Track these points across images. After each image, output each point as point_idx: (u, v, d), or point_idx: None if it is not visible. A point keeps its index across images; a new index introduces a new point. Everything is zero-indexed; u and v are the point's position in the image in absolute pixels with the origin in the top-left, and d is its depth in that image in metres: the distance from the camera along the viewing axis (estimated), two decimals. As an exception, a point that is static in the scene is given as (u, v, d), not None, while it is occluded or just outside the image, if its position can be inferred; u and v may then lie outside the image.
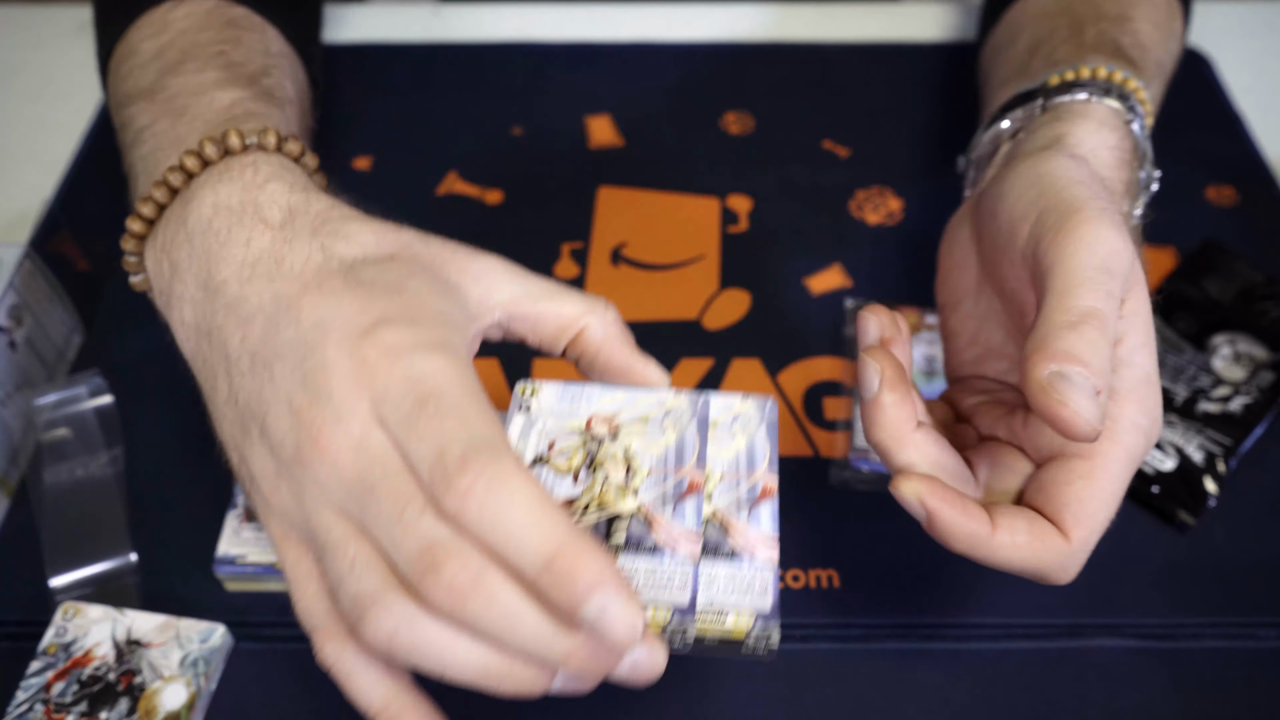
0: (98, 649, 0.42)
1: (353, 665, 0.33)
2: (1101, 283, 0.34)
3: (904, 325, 0.37)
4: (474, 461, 0.29)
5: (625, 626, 0.28)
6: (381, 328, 0.32)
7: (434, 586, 0.29)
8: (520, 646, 0.30)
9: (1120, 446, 0.35)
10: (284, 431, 0.33)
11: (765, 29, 0.74)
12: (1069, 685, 0.43)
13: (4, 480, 0.48)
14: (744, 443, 0.35)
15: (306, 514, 0.32)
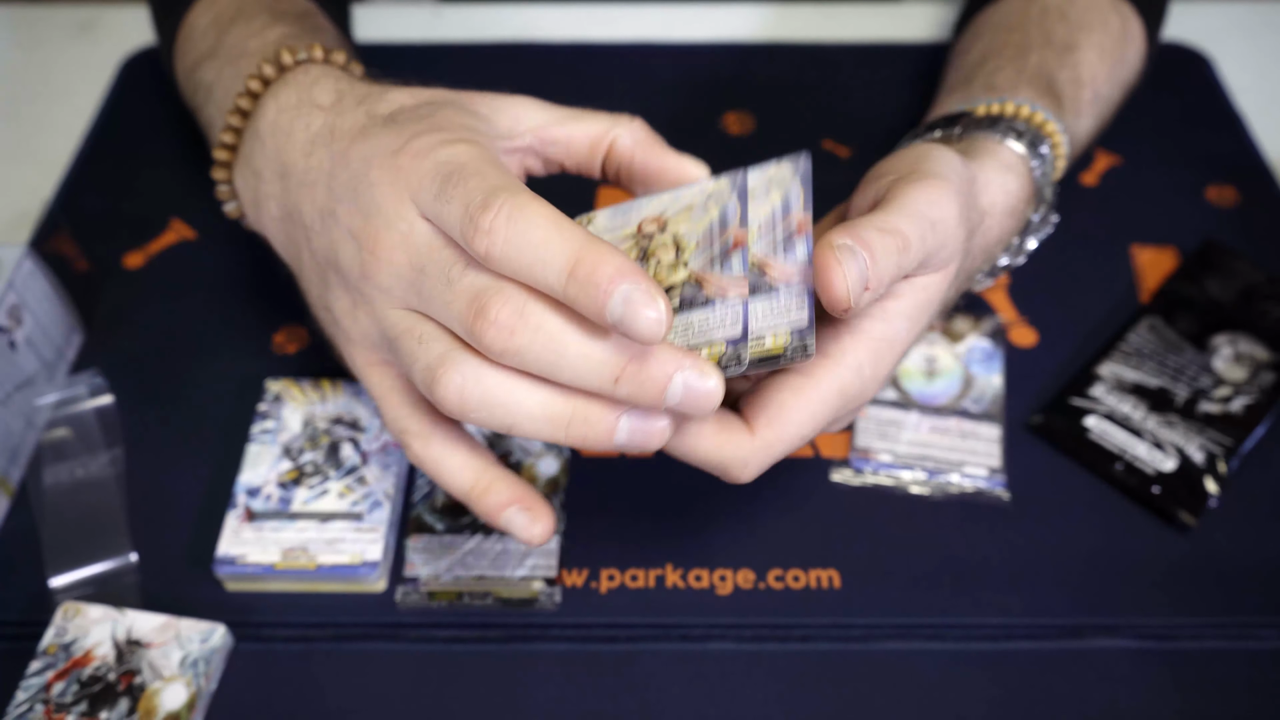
0: (98, 649, 0.42)
1: (440, 453, 0.37)
2: (923, 227, 0.35)
3: None
4: (493, 201, 0.32)
5: (649, 313, 0.30)
6: (412, 140, 0.36)
7: (485, 329, 0.32)
8: (573, 376, 0.32)
9: (834, 376, 0.36)
10: (350, 257, 0.37)
11: (765, 29, 0.74)
12: (1069, 686, 0.43)
13: (4, 480, 0.48)
14: (779, 197, 0.37)
15: (380, 324, 0.36)
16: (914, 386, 0.51)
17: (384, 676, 0.44)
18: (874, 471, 0.49)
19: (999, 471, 0.48)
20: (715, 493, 0.49)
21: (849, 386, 0.36)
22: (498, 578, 0.45)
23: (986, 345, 0.53)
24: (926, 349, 0.53)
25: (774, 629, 0.45)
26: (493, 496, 0.37)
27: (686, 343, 0.34)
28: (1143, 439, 0.49)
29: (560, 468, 0.48)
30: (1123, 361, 0.52)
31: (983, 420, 0.50)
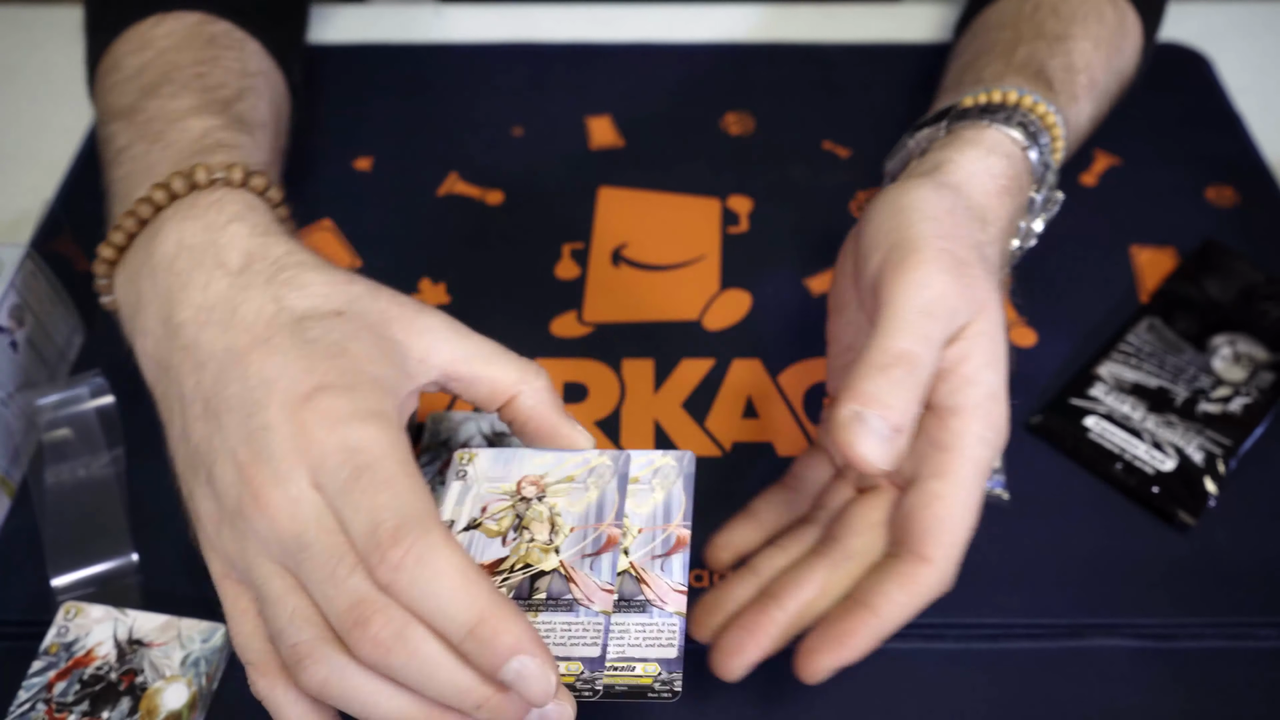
0: (99, 648, 0.43)
1: (283, 699, 0.35)
2: (920, 325, 0.36)
3: None
4: (405, 536, 0.32)
5: (540, 685, 0.31)
6: (320, 395, 0.34)
7: (361, 639, 0.32)
8: (438, 695, 0.32)
9: (968, 462, 0.37)
10: (228, 483, 0.35)
11: (765, 29, 0.74)
12: (1069, 685, 0.43)
13: (5, 480, 0.48)
14: (661, 496, 0.38)
15: (248, 562, 0.35)
16: None
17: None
18: None
19: (999, 472, 0.49)
20: (716, 493, 0.49)
21: (981, 460, 0.37)
22: None
23: None
24: None
25: (774, 629, 0.45)
26: None
27: None
28: (1142, 439, 0.49)
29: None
30: (1122, 362, 0.52)
31: None
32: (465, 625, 0.31)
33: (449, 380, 0.39)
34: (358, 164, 0.64)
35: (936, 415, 0.37)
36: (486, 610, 0.31)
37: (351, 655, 0.33)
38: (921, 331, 0.36)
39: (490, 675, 0.32)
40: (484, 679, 0.32)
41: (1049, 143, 0.46)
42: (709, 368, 0.54)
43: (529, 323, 0.56)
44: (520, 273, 0.58)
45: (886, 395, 0.35)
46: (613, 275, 0.58)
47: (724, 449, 0.51)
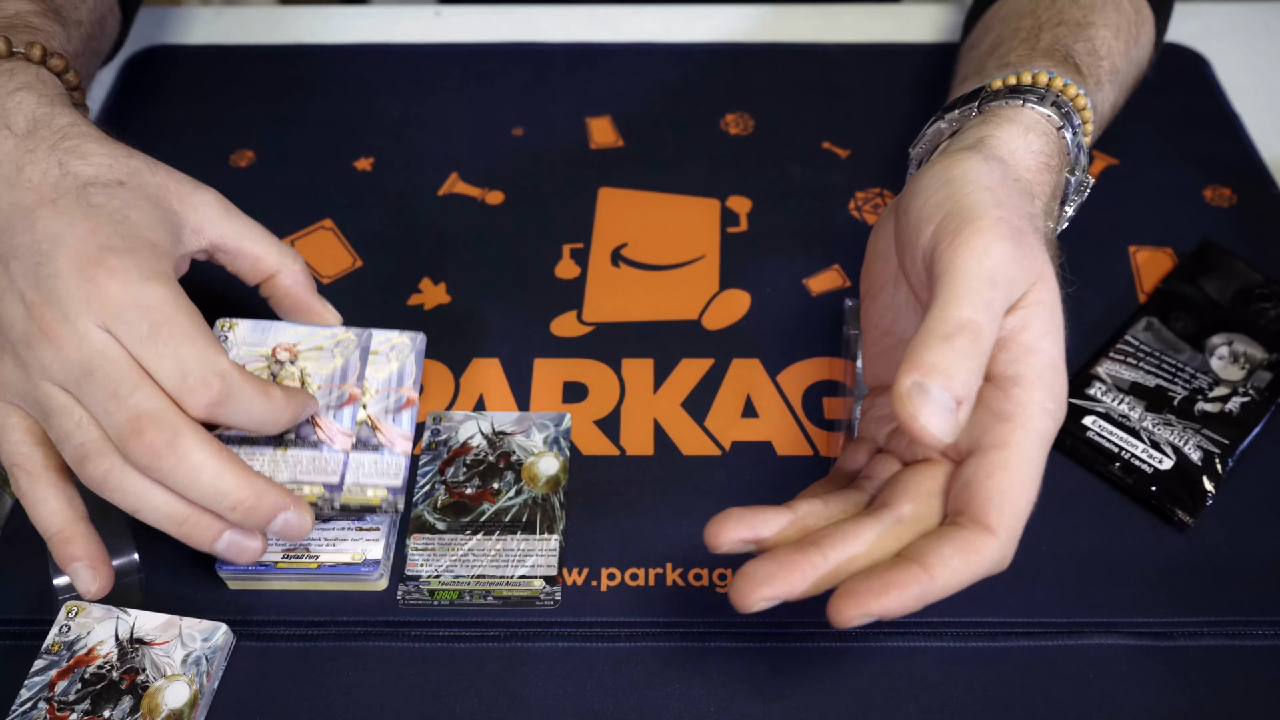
0: (101, 647, 0.43)
1: (43, 494, 0.41)
2: (982, 293, 0.35)
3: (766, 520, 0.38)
4: (214, 382, 0.38)
5: (304, 526, 0.40)
6: (107, 255, 0.39)
7: (137, 447, 0.37)
8: (198, 497, 0.39)
9: (1031, 432, 0.36)
10: (16, 317, 0.39)
11: (765, 30, 0.74)
12: (1067, 684, 0.43)
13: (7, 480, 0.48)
14: (396, 366, 0.45)
15: (31, 385, 0.39)
16: None
17: (385, 674, 0.44)
18: None
19: None
20: (715, 492, 0.49)
21: (1044, 431, 0.37)
22: (498, 577, 0.45)
23: None
24: None
25: (773, 628, 0.45)
26: (71, 546, 0.41)
27: (292, 476, 0.42)
28: (1140, 438, 0.49)
29: (560, 466, 0.49)
30: (1120, 361, 0.52)
31: None
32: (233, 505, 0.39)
33: (216, 251, 0.45)
34: (359, 164, 0.64)
35: (997, 385, 0.37)
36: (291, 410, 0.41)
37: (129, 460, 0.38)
38: (984, 299, 0.35)
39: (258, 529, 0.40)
40: (239, 486, 0.38)
41: (1080, 125, 0.46)
42: (708, 367, 0.54)
43: (529, 322, 0.56)
44: (520, 272, 0.58)
45: (949, 365, 0.34)
46: (612, 275, 0.58)
47: (723, 448, 0.51)
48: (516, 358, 0.54)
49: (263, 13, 0.75)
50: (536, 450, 0.49)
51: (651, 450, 0.51)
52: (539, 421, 0.50)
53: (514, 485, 0.48)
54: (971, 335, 0.35)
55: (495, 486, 0.48)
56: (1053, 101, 0.45)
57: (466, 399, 0.52)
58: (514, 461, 0.49)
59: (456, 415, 0.51)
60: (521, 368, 0.54)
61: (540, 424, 0.50)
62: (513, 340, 0.55)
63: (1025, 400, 0.36)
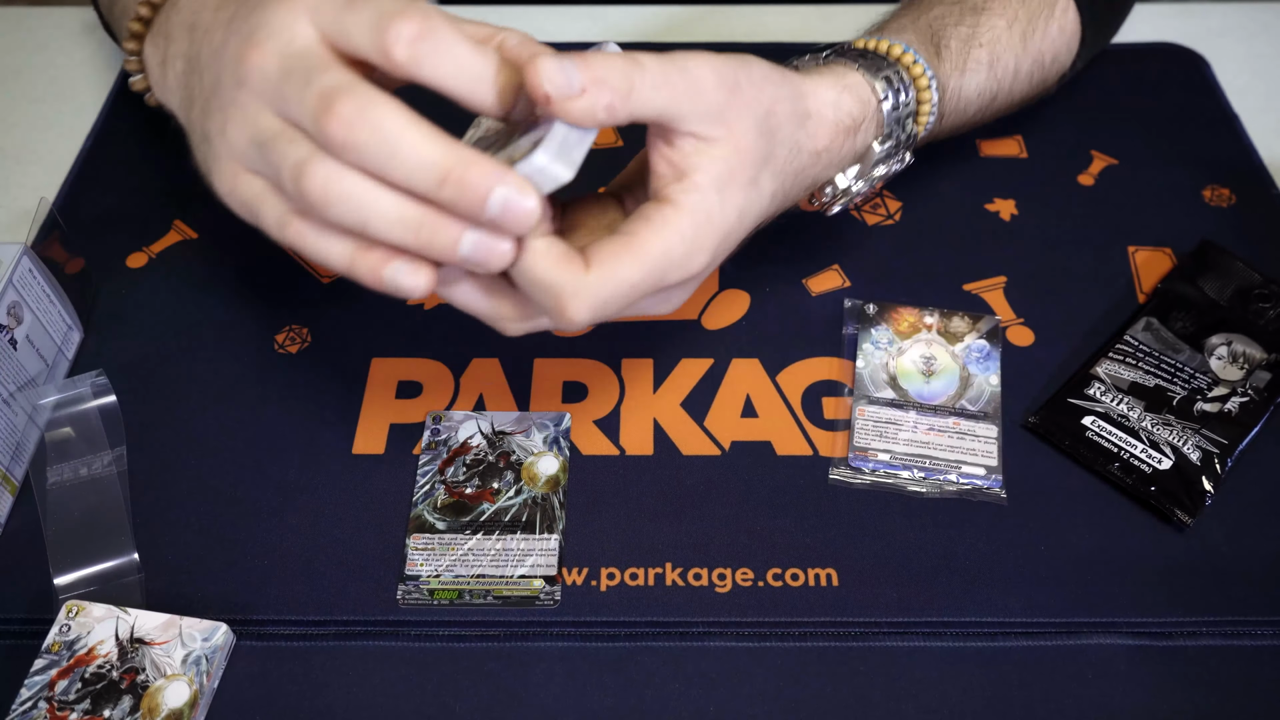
0: (101, 647, 0.43)
1: (316, 236, 0.37)
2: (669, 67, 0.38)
3: None
4: (414, 13, 0.35)
5: (526, 203, 0.35)
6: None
7: (328, 121, 0.34)
8: (403, 173, 0.35)
9: (659, 237, 0.39)
10: (229, 71, 0.38)
11: (765, 29, 0.74)
12: (1066, 684, 0.43)
13: (7, 477, 0.48)
14: None
15: (251, 129, 0.37)
16: (912, 386, 0.52)
17: (385, 674, 0.44)
18: (872, 471, 0.49)
19: (996, 470, 0.49)
20: (715, 492, 0.49)
21: (672, 248, 0.39)
22: (498, 576, 0.45)
23: (984, 345, 0.53)
24: (924, 348, 0.53)
25: (772, 627, 0.45)
26: (372, 254, 0.37)
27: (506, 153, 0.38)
28: (1140, 438, 0.49)
29: (560, 466, 0.49)
30: (1120, 361, 0.52)
31: (980, 420, 0.50)
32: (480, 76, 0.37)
33: None
34: (358, 164, 0.64)
35: (656, 197, 0.40)
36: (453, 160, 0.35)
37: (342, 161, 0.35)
38: (673, 63, 0.38)
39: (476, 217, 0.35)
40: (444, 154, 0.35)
41: (913, 100, 0.50)
42: (708, 367, 0.54)
43: (529, 322, 0.56)
44: (520, 272, 0.58)
45: (597, 61, 0.37)
46: (612, 275, 0.58)
47: (723, 448, 0.51)
48: (516, 357, 0.54)
49: (263, 13, 0.75)
50: (536, 450, 0.49)
51: (651, 450, 0.51)
52: (539, 421, 0.50)
53: (514, 485, 0.48)
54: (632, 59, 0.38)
55: (495, 486, 0.48)
56: (887, 75, 0.49)
57: (466, 398, 0.52)
58: (514, 461, 0.49)
59: (456, 415, 0.51)
60: (521, 367, 0.54)
61: (540, 424, 0.50)
62: (512, 340, 0.55)
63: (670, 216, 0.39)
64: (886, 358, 0.52)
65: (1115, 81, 0.68)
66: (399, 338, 0.55)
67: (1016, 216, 0.61)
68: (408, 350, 0.54)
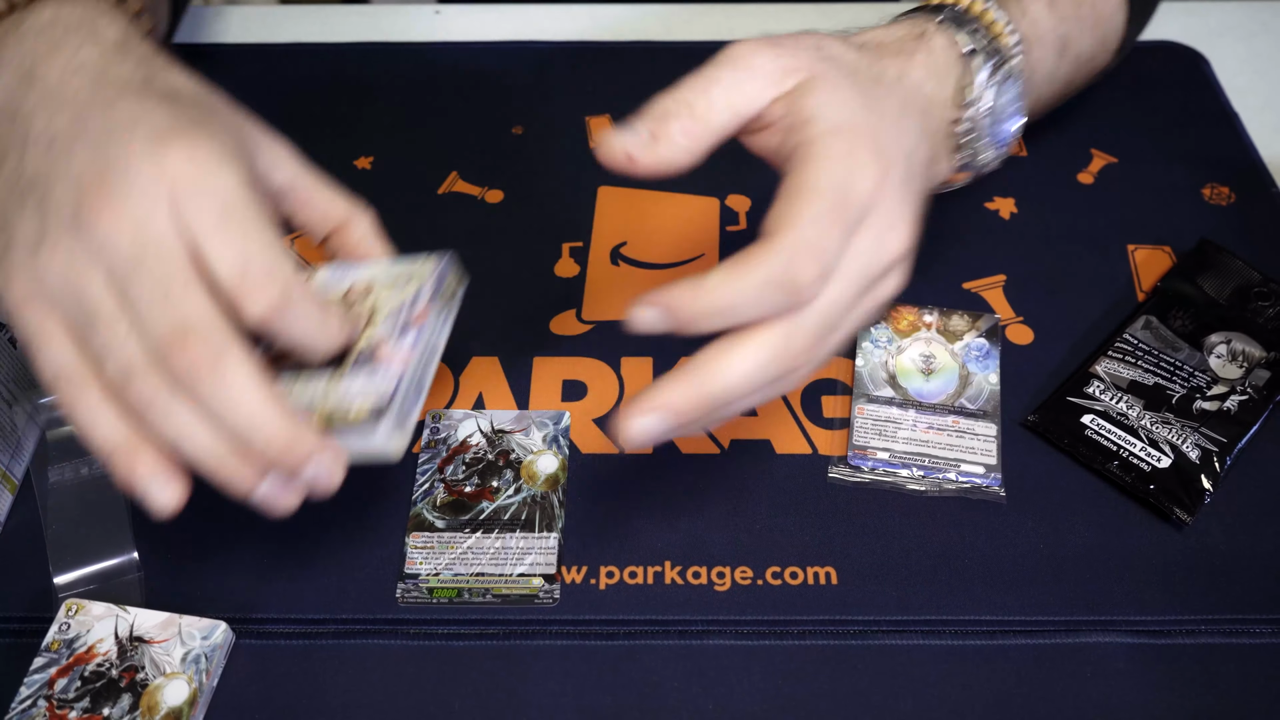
0: (100, 645, 0.43)
1: (93, 405, 0.36)
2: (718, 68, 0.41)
3: None
4: (278, 283, 0.35)
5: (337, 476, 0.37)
6: (187, 130, 0.36)
7: (178, 359, 0.34)
8: (236, 428, 0.35)
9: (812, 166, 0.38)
10: (67, 199, 0.35)
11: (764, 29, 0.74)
12: (1065, 682, 0.43)
13: (7, 476, 0.48)
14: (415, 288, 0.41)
15: (76, 276, 0.35)
16: (911, 384, 0.52)
17: (384, 673, 0.44)
18: (871, 469, 0.49)
19: (995, 469, 0.49)
20: (713, 490, 0.49)
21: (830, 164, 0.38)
22: (497, 575, 0.45)
23: (984, 344, 0.53)
24: (924, 347, 0.53)
25: (772, 625, 0.45)
26: (139, 459, 0.37)
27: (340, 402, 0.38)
28: (1139, 437, 0.49)
29: (559, 464, 0.49)
30: (1119, 360, 0.52)
31: (979, 418, 0.50)
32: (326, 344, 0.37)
33: (290, 191, 0.42)
34: (358, 163, 0.64)
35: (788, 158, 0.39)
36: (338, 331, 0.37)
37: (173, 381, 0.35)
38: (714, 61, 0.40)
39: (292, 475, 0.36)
40: (279, 425, 0.35)
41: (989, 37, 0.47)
42: (707, 366, 0.54)
43: (529, 321, 0.56)
44: (520, 271, 0.58)
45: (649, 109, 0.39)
46: (612, 274, 0.58)
47: (722, 446, 0.51)
48: (516, 356, 0.54)
49: (263, 13, 0.75)
50: (536, 448, 0.49)
51: (651, 449, 0.51)
52: (538, 419, 0.50)
53: (513, 483, 0.48)
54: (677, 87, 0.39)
55: (494, 484, 0.48)
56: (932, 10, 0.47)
57: (466, 397, 0.52)
58: (513, 459, 0.49)
59: (456, 414, 0.51)
60: (521, 366, 0.54)
61: (539, 422, 0.50)
62: (512, 338, 0.55)
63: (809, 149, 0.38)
64: (886, 356, 0.52)
65: (1115, 81, 0.68)
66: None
67: (1016, 215, 0.61)
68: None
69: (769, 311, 0.37)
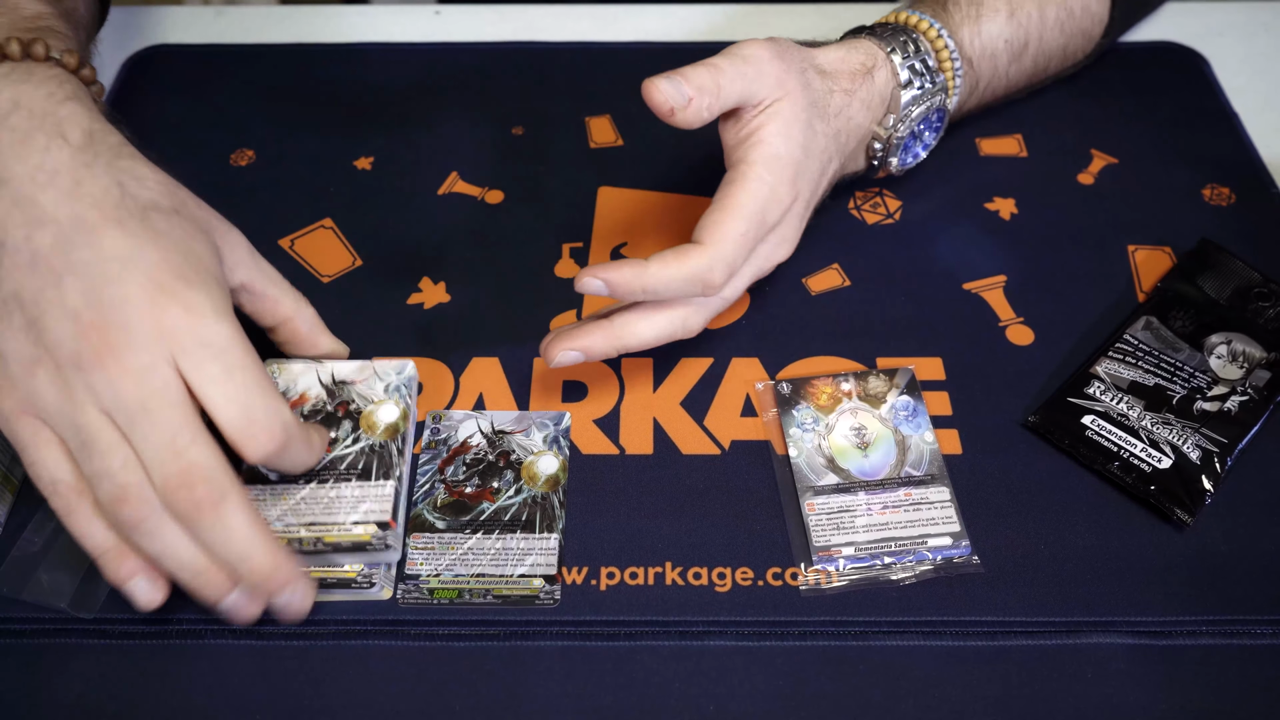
0: (309, 391, 0.48)
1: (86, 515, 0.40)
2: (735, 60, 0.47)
3: None
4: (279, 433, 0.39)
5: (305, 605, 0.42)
6: (181, 285, 0.39)
7: (182, 500, 0.37)
8: (223, 556, 0.39)
9: (745, 191, 0.47)
10: (64, 336, 0.38)
11: (765, 29, 0.74)
12: (1066, 682, 0.43)
13: (7, 478, 0.48)
14: None
15: (74, 409, 0.38)
16: (852, 464, 0.49)
17: (385, 673, 0.44)
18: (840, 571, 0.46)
19: (961, 535, 0.47)
20: (714, 490, 0.49)
21: (757, 193, 0.47)
22: (497, 575, 0.45)
23: (908, 401, 0.51)
24: (851, 419, 0.51)
25: (772, 626, 0.45)
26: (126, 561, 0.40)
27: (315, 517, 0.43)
28: (1139, 437, 0.49)
29: (560, 465, 0.49)
30: (1119, 360, 0.52)
31: (929, 484, 0.48)
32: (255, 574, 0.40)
33: (243, 291, 0.45)
34: (358, 164, 0.64)
35: (732, 166, 0.48)
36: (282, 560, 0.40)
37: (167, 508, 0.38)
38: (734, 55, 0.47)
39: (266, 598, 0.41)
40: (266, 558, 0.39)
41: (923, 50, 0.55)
42: (707, 366, 0.54)
43: (529, 321, 0.56)
44: (520, 272, 0.58)
45: (689, 71, 0.46)
46: (612, 274, 0.58)
47: (722, 447, 0.51)
48: (516, 356, 0.54)
49: (263, 13, 0.75)
50: (536, 449, 0.49)
51: (651, 449, 0.51)
52: (538, 420, 0.50)
53: (513, 484, 0.48)
54: (711, 65, 0.46)
55: (495, 485, 0.48)
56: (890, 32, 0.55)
57: (466, 398, 0.52)
58: (514, 460, 0.49)
59: (456, 414, 0.51)
60: (521, 367, 0.54)
61: (540, 423, 0.50)
62: (512, 339, 0.55)
63: (748, 172, 0.47)
64: (817, 439, 0.50)
65: (1115, 81, 0.68)
66: (399, 337, 0.55)
67: (1016, 215, 0.61)
68: (407, 350, 0.54)
69: (683, 296, 0.47)
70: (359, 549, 0.44)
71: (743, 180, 0.47)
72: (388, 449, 0.47)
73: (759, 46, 0.48)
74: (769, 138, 0.47)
